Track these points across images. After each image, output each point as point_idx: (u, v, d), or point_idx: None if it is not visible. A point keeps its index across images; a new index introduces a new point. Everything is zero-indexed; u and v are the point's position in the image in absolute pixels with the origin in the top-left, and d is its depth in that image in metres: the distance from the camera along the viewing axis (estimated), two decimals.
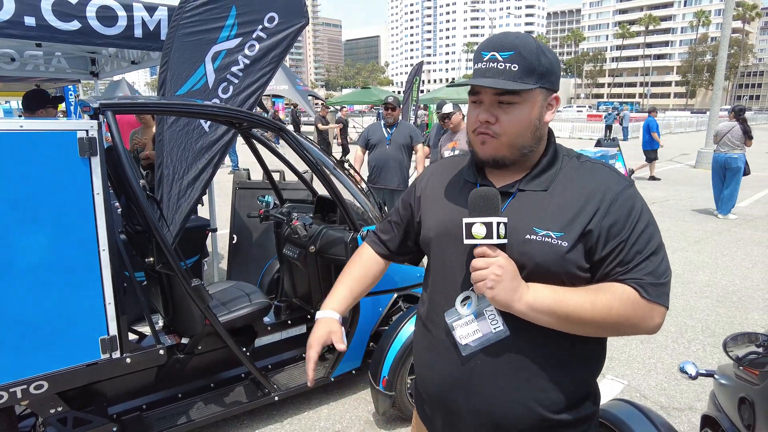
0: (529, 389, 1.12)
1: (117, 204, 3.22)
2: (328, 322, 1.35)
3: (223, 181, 9.32)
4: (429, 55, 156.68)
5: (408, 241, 1.44)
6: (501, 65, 1.07)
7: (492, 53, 1.08)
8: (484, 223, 1.04)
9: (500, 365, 1.12)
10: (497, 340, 1.11)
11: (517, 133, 1.11)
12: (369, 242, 1.52)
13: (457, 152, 5.27)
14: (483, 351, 1.13)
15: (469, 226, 1.06)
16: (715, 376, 1.91)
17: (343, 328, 1.37)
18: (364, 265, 1.48)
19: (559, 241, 1.07)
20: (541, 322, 1.07)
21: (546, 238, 1.08)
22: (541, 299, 1.05)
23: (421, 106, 19.69)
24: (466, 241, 1.06)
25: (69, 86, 9.15)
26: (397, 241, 1.45)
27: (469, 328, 1.13)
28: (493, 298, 1.04)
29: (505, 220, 1.06)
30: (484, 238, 1.04)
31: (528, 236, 1.09)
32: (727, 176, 8.09)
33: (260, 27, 3.50)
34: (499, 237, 1.05)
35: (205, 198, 4.64)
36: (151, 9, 3.65)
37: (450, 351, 1.17)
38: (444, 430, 1.26)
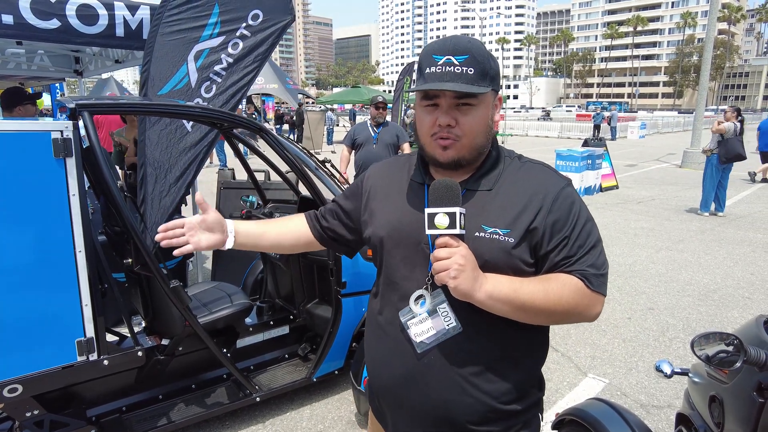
0: (479, 381, 1.15)
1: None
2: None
3: (208, 181, 9.25)
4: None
5: (344, 231, 1.42)
6: (458, 69, 1.09)
7: (447, 57, 1.09)
8: (448, 213, 1.04)
9: (453, 359, 1.15)
10: (451, 336, 1.14)
11: (476, 134, 1.14)
12: (308, 220, 1.47)
13: None
14: (437, 347, 1.15)
15: (432, 216, 1.05)
16: (690, 375, 1.93)
17: (222, 223, 1.32)
18: (290, 227, 1.46)
19: (506, 238, 1.11)
20: (497, 311, 1.09)
21: (494, 235, 1.11)
22: (500, 288, 1.07)
23: (411, 105, 19.70)
24: (428, 232, 1.06)
25: (56, 84, 9.05)
26: (337, 230, 1.43)
27: (423, 326, 1.16)
28: (456, 287, 1.04)
29: (464, 211, 1.07)
30: (447, 228, 1.04)
31: (477, 234, 1.12)
32: (725, 174, 8.20)
33: (244, 25, 3.45)
34: (461, 227, 1.05)
35: (189, 198, 4.61)
36: (132, 8, 3.61)
37: (405, 349, 1.19)
38: (395, 424, 1.28)
